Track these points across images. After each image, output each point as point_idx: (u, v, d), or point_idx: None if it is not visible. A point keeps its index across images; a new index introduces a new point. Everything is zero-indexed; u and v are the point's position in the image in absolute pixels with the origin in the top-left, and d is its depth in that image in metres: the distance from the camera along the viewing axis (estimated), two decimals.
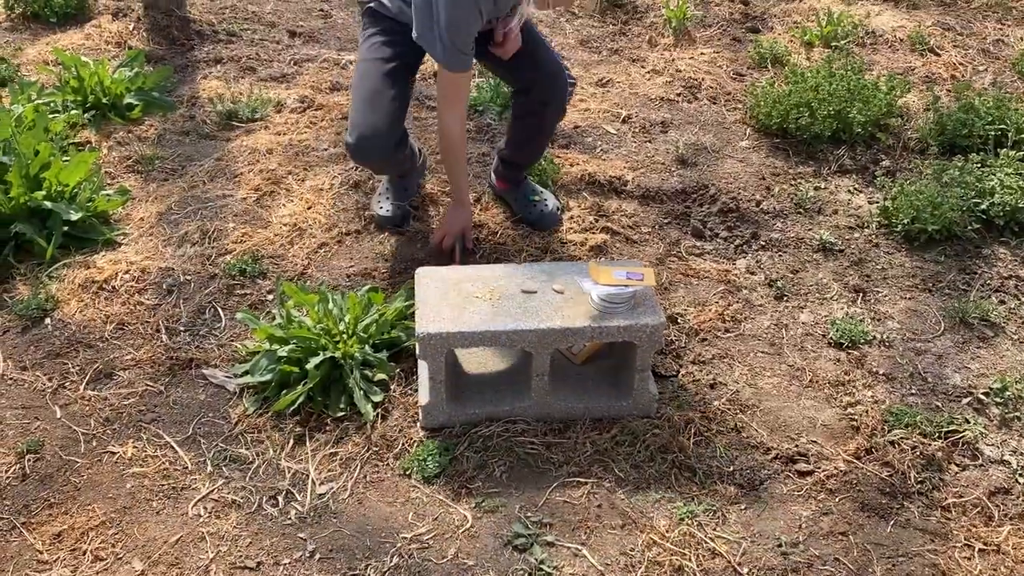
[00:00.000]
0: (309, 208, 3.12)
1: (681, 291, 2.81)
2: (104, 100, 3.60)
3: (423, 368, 2.27)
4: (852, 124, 3.52)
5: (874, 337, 2.64)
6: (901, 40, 4.44)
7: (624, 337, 2.21)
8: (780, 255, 3.01)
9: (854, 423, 2.35)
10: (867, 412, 2.36)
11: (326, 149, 3.48)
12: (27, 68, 4.00)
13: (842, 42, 4.31)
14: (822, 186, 3.38)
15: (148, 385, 2.42)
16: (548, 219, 3.04)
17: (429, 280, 2.35)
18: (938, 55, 4.32)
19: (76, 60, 3.67)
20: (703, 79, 4.07)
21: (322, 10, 4.79)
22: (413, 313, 2.42)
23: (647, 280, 2.24)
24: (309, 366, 2.31)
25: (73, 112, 3.53)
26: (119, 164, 3.37)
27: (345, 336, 2.43)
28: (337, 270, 2.84)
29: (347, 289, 2.75)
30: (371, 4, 2.79)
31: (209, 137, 3.57)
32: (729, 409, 2.38)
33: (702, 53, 4.32)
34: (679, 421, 2.30)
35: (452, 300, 2.26)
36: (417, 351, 2.20)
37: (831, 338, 2.64)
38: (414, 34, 2.55)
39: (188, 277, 2.78)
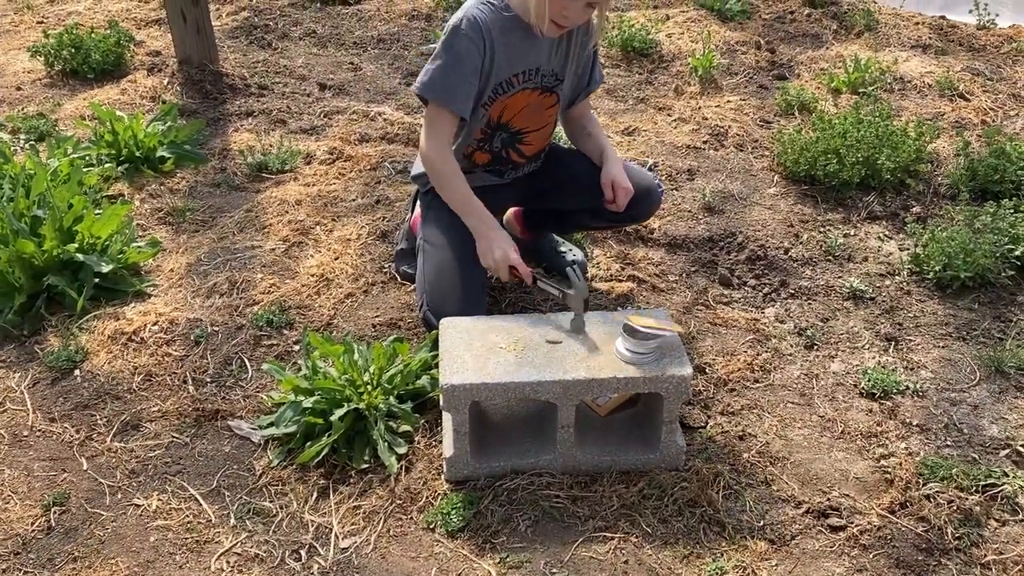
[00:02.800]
0: (336, 258, 3.14)
1: (709, 340, 2.78)
2: (137, 153, 3.67)
3: (447, 420, 2.25)
4: (881, 170, 3.49)
5: (907, 387, 2.59)
6: (930, 86, 4.42)
7: (650, 388, 2.18)
8: (810, 303, 2.97)
9: (888, 476, 2.29)
10: (901, 464, 2.30)
11: (354, 200, 3.51)
12: (64, 123, 4.09)
13: (870, 88, 4.30)
14: (851, 233, 3.35)
15: (174, 437, 2.42)
16: (579, 266, 3.03)
17: (454, 330, 2.34)
18: (968, 100, 4.29)
19: (111, 114, 3.75)
20: (730, 126, 4.07)
21: (352, 63, 4.87)
22: (438, 363, 2.41)
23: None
24: (333, 418, 2.30)
25: (107, 165, 3.60)
26: (151, 216, 3.42)
27: (370, 387, 2.43)
28: (363, 320, 2.85)
29: (373, 339, 2.75)
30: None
31: (239, 189, 3.62)
32: (759, 461, 2.34)
33: (728, 101, 4.33)
34: (707, 474, 2.26)
35: (476, 351, 2.25)
36: (441, 403, 2.19)
37: (863, 388, 2.59)
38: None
39: (216, 328, 2.80)
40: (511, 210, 3.12)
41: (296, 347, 2.73)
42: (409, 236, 3.05)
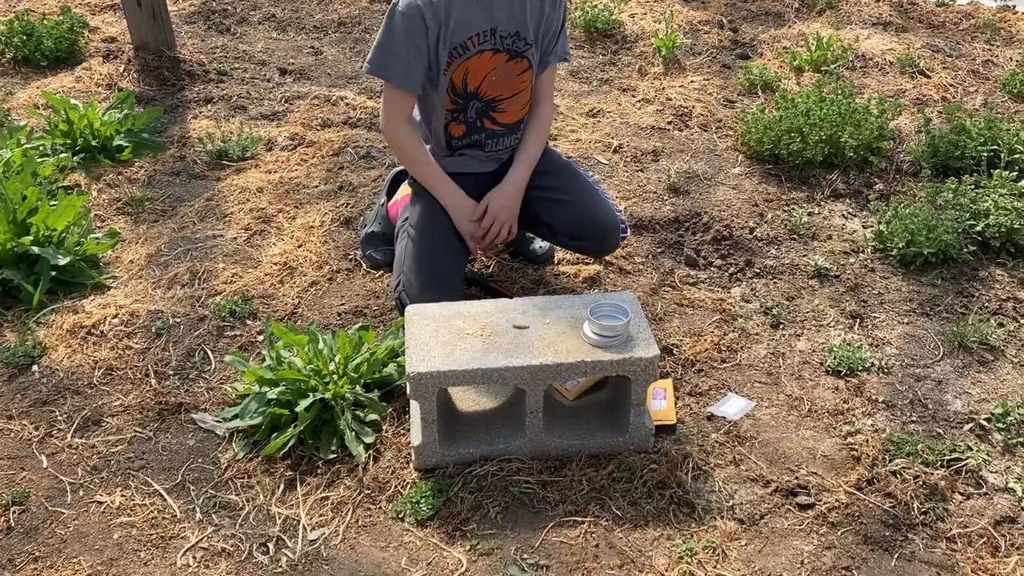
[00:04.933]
0: (300, 246, 3.10)
1: (676, 321, 2.78)
2: (93, 142, 3.59)
3: (415, 408, 2.23)
4: (844, 148, 3.51)
5: (872, 364, 2.61)
6: (891, 63, 4.44)
7: (618, 371, 2.18)
8: (775, 282, 2.98)
9: (855, 453, 2.30)
10: (867, 441, 2.32)
11: (316, 186, 3.46)
12: (17, 112, 3.99)
13: (832, 66, 4.31)
14: (816, 211, 3.36)
15: (136, 431, 2.38)
16: (546, 255, 3.02)
17: (419, 318, 2.32)
18: (928, 77, 4.32)
19: (65, 103, 3.67)
20: (693, 107, 4.07)
21: (312, 48, 4.80)
22: (405, 351, 2.39)
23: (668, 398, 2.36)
24: (299, 409, 2.27)
25: (62, 155, 3.52)
26: (108, 206, 3.35)
27: (336, 376, 2.40)
28: (328, 309, 2.81)
29: (338, 328, 2.72)
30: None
31: (199, 177, 3.56)
32: (727, 442, 2.34)
33: (692, 81, 4.32)
34: (676, 455, 2.26)
35: (443, 338, 2.23)
36: (408, 391, 2.17)
37: (829, 366, 2.60)
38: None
39: (177, 320, 2.75)
40: None
41: (260, 338, 2.69)
42: (384, 220, 3.01)
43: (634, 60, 4.56)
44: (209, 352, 2.64)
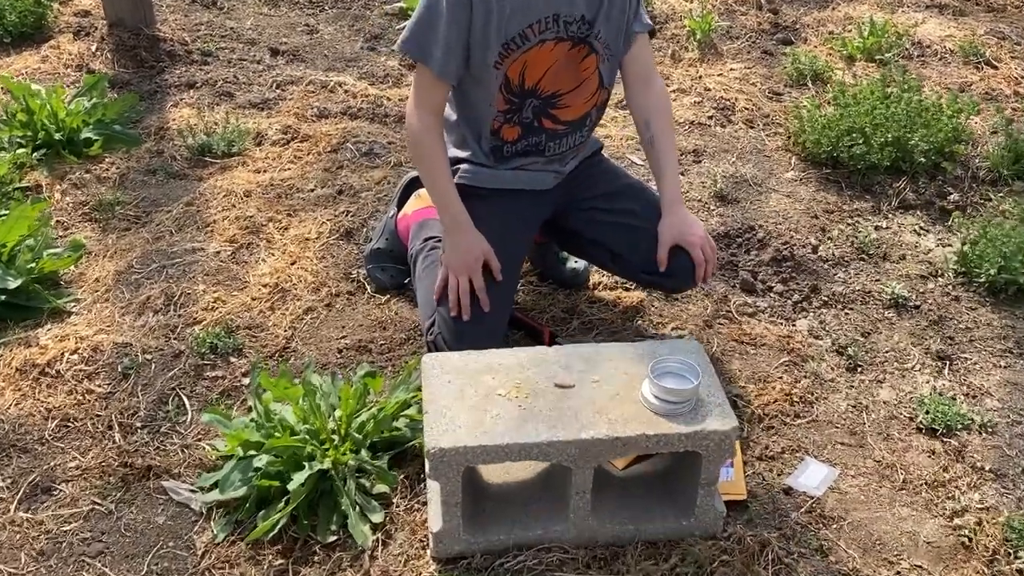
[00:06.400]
0: (293, 263, 2.67)
1: (736, 363, 2.37)
2: (57, 135, 3.15)
3: (434, 488, 1.82)
4: (913, 152, 3.08)
5: (972, 420, 2.20)
6: (952, 51, 4.00)
7: (688, 446, 1.77)
8: (846, 313, 2.57)
9: (964, 540, 1.90)
10: (980, 525, 1.92)
11: (312, 190, 3.03)
12: None
13: (887, 55, 3.88)
14: (883, 225, 2.94)
15: (95, 503, 1.96)
16: (581, 277, 2.60)
17: (439, 371, 1.90)
18: (995, 68, 3.89)
19: (25, 89, 3.22)
20: (736, 99, 3.63)
21: (307, 25, 4.34)
22: (419, 401, 1.98)
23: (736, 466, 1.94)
24: (292, 485, 1.85)
25: (21, 150, 3.07)
26: (73, 211, 2.91)
27: (336, 438, 1.98)
28: (326, 343, 2.39)
29: (339, 367, 2.30)
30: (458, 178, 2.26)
31: (178, 176, 3.12)
32: (810, 523, 1.94)
33: (732, 69, 3.88)
34: (752, 544, 1.85)
35: (470, 400, 1.81)
36: (427, 469, 1.75)
37: (921, 423, 2.20)
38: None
39: (148, 356, 2.33)
40: None
41: (245, 380, 2.27)
42: (392, 236, 2.58)
43: (666, 44, 4.11)
44: (185, 399, 2.22)
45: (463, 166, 2.29)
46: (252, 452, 1.96)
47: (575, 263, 2.61)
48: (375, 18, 4.41)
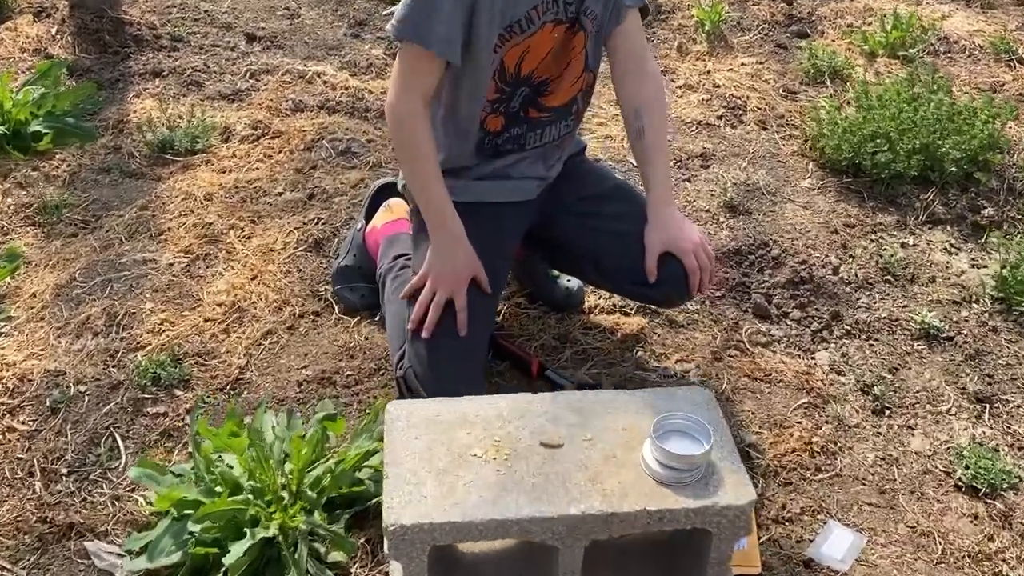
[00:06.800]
0: (254, 278, 2.39)
1: (748, 403, 2.10)
2: (2, 127, 2.86)
3: (396, 569, 1.55)
4: (944, 161, 2.79)
5: (1019, 478, 1.93)
6: (981, 48, 3.71)
7: (696, 523, 1.49)
8: (871, 345, 2.29)
9: None
10: None
11: (281, 193, 2.74)
12: None
13: (911, 51, 3.58)
14: (910, 242, 2.66)
15: (4, 569, 1.69)
16: (575, 298, 2.32)
17: (405, 423, 1.62)
18: None
19: None
20: (747, 97, 3.34)
21: (288, 8, 4.03)
22: (383, 477, 1.71)
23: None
24: (229, 558, 1.58)
25: None
26: (15, 214, 2.63)
27: (286, 496, 1.71)
28: (285, 373, 2.12)
29: (297, 403, 2.03)
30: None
31: (135, 175, 2.84)
32: None
33: (743, 64, 3.59)
34: None
35: (439, 460, 1.54)
36: (386, 548, 1.48)
37: (960, 479, 1.93)
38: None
39: (83, 387, 2.05)
40: None
41: (189, 419, 1.99)
42: (360, 251, 2.31)
43: (671, 35, 3.81)
44: (119, 440, 1.94)
45: None
46: (188, 511, 1.69)
47: (568, 281, 2.34)
48: (360, 2, 4.10)
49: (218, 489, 1.72)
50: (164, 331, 2.21)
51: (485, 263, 1.93)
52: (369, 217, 2.32)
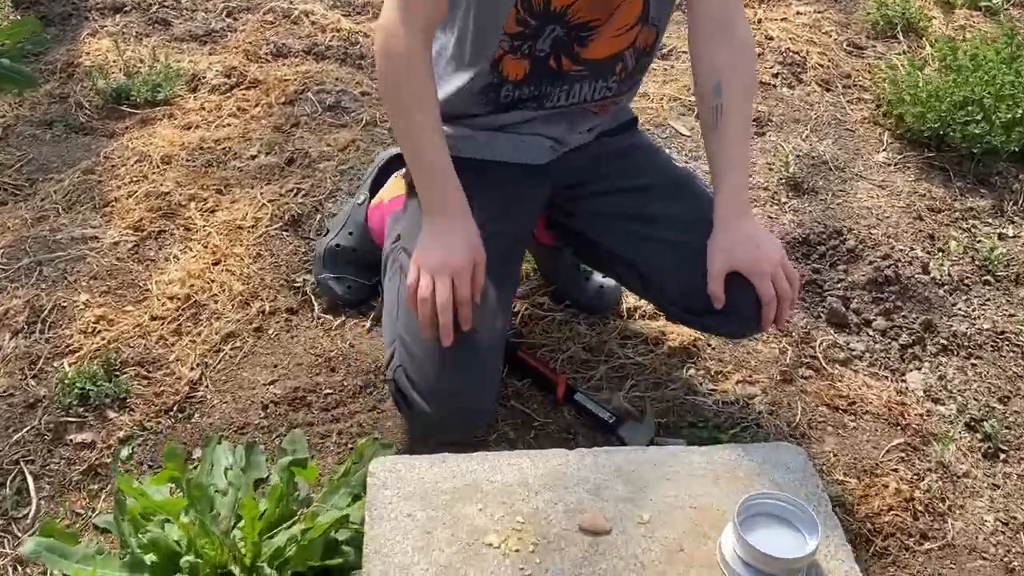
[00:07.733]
0: (216, 263, 1.95)
1: (829, 441, 1.67)
2: None
3: None
4: None
5: None
6: None
7: None
8: (974, 365, 1.86)
9: None
10: None
11: (254, 156, 2.29)
12: None
13: (995, 1, 3.10)
14: (1009, 233, 2.22)
15: None
16: (609, 298, 1.88)
17: (393, 493, 1.20)
18: None
19: None
20: (807, 52, 2.86)
21: None
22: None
23: None
24: None
25: None
26: None
27: (238, 574, 1.29)
28: (249, 390, 1.69)
29: (262, 432, 1.60)
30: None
31: (82, 131, 2.38)
32: None
33: (799, 13, 3.10)
34: None
35: (440, 554, 1.12)
36: None
37: None
38: None
39: None
40: None
41: (125, 451, 1.57)
42: (360, 230, 1.86)
43: None
44: (30, 479, 1.52)
45: None
46: None
47: (602, 277, 1.89)
48: None
49: (149, 560, 1.30)
50: (100, 331, 1.78)
51: (499, 240, 1.48)
52: (375, 191, 1.86)
